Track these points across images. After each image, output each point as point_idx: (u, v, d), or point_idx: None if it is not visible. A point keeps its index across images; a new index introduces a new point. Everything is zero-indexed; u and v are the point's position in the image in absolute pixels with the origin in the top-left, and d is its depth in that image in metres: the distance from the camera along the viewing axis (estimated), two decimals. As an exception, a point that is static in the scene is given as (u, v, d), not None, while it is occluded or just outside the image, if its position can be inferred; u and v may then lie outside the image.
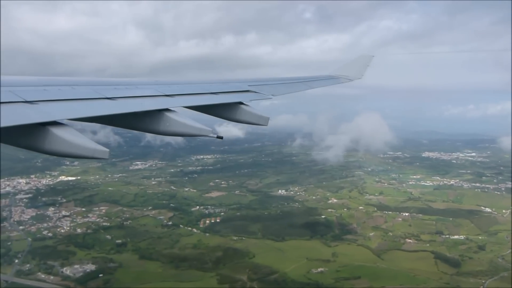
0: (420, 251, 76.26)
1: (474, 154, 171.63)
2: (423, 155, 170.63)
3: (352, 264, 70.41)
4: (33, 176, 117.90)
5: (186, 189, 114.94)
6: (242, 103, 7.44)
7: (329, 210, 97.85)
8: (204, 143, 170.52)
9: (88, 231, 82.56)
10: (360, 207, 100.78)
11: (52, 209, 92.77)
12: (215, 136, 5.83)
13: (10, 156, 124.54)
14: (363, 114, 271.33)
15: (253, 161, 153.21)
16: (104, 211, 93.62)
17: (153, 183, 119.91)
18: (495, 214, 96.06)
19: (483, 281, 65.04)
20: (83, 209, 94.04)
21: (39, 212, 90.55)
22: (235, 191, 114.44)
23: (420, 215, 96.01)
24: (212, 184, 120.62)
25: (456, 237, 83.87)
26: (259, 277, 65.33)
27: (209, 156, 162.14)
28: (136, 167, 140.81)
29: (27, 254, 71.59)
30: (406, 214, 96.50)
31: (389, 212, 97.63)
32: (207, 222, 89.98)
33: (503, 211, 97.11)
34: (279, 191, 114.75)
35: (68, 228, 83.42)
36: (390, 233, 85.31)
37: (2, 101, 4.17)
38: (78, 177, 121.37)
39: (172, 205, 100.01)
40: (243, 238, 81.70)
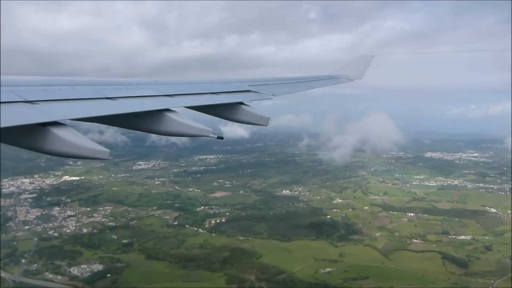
0: (427, 251, 76.09)
1: (477, 155, 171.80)
2: (426, 155, 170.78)
3: (360, 264, 70.27)
4: (37, 176, 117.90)
5: (190, 189, 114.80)
6: (243, 103, 7.42)
7: (334, 210, 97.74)
8: (207, 143, 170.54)
9: (94, 231, 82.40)
10: (365, 207, 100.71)
11: (57, 209, 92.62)
12: (216, 137, 5.79)
13: (14, 156, 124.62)
14: (370, 115, 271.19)
15: (256, 161, 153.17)
16: (109, 211, 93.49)
17: (157, 183, 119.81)
18: (500, 215, 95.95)
19: (492, 282, 64.95)
20: (88, 209, 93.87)
21: (44, 212, 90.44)
22: (239, 191, 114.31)
23: (426, 215, 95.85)
24: (216, 184, 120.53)
25: (463, 237, 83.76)
26: (267, 277, 65.17)
27: (212, 156, 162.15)
28: (139, 167, 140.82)
29: (34, 254, 71.39)
30: (412, 215, 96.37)
31: (394, 213, 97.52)
32: (213, 222, 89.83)
33: (508, 212, 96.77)
34: (283, 191, 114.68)
35: (74, 228, 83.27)
36: (396, 233, 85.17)
37: (3, 101, 4.14)
38: (82, 177, 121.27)
39: (177, 205, 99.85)
40: (249, 238, 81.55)
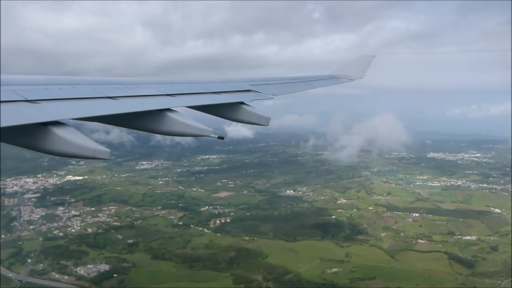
0: (434, 252, 76.14)
1: (479, 155, 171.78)
2: (428, 156, 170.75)
3: (366, 265, 70.23)
4: (40, 176, 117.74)
5: (194, 189, 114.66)
6: (243, 103, 7.38)
7: (339, 211, 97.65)
8: (209, 143, 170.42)
9: (99, 231, 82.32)
10: (370, 208, 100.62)
11: (62, 209, 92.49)
12: (216, 136, 5.75)
13: (16, 155, 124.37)
14: (375, 115, 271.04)
15: (259, 161, 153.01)
16: (114, 211, 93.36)
17: (160, 183, 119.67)
18: (505, 215, 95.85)
19: (499, 282, 64.99)
20: (93, 209, 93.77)
21: (49, 212, 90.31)
22: (243, 191, 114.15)
23: (430, 216, 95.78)
24: (220, 184, 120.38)
25: (468, 238, 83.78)
26: (274, 278, 65.13)
27: (214, 156, 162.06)
28: (142, 167, 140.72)
29: (40, 254, 71.31)
30: (416, 215, 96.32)
31: (399, 213, 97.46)
32: (217, 222, 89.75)
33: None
34: (287, 191, 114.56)
35: (79, 228, 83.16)
36: (402, 234, 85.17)
37: (3, 100, 4.11)
38: (85, 177, 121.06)
39: (181, 205, 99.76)
40: (255, 238, 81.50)
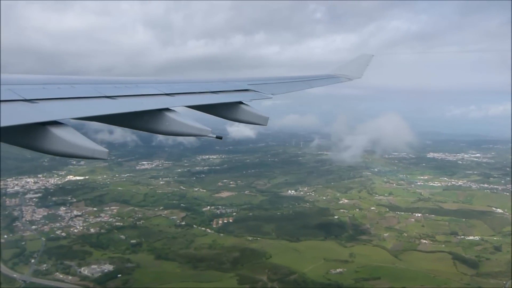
0: (437, 252, 76.22)
1: (479, 155, 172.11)
2: (429, 156, 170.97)
3: (371, 265, 70.19)
4: (41, 176, 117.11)
5: (196, 189, 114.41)
6: (242, 103, 7.35)
7: (341, 211, 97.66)
8: (209, 143, 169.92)
9: (102, 231, 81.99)
10: (372, 208, 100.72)
11: (64, 209, 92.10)
12: (215, 136, 5.72)
13: (17, 155, 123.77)
14: (375, 115, 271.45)
15: (260, 161, 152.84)
16: (116, 211, 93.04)
17: (162, 183, 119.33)
18: (507, 215, 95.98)
19: (504, 282, 65.02)
20: (95, 209, 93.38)
21: (51, 212, 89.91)
22: (245, 191, 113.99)
23: (433, 216, 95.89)
24: (221, 184, 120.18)
25: (471, 238, 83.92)
26: (279, 278, 65.01)
27: (215, 156, 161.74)
28: (143, 167, 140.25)
29: (43, 254, 70.96)
30: (419, 215, 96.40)
31: (401, 213, 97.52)
32: (220, 222, 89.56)
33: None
34: (289, 191, 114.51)
35: (81, 228, 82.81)
36: (405, 234, 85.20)
37: (2, 100, 4.09)
38: (86, 177, 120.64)
39: (183, 205, 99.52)
40: (258, 239, 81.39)
